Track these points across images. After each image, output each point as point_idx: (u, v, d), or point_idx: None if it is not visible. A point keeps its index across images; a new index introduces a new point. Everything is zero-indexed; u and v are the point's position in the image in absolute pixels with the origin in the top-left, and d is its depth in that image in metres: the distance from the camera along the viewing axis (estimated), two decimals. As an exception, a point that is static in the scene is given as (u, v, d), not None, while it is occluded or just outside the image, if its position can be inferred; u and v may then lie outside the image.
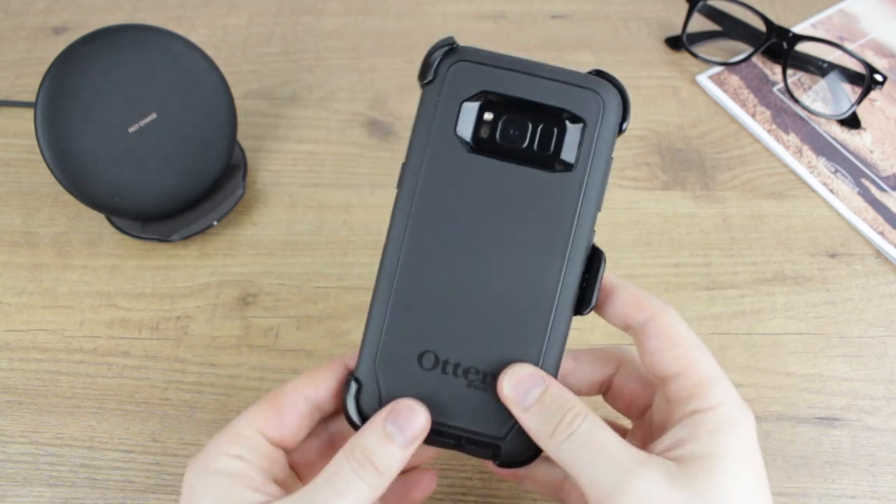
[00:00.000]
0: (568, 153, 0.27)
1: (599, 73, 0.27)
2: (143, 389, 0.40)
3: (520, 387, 0.26)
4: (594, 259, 0.27)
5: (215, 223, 0.45)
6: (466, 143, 0.27)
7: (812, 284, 0.44)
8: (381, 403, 0.27)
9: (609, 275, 0.28)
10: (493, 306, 0.27)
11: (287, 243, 0.46)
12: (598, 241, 0.45)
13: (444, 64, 0.27)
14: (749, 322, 0.42)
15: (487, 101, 0.27)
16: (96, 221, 0.47)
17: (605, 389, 0.31)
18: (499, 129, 0.27)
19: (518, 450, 0.27)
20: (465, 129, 0.27)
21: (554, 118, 0.27)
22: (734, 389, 0.27)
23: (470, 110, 0.27)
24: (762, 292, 0.43)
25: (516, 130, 0.27)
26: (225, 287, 0.44)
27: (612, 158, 0.27)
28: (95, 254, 0.46)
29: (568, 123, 0.27)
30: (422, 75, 0.27)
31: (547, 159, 0.27)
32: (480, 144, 0.27)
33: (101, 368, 0.41)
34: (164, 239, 0.45)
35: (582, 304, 0.27)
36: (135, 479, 0.37)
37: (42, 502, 0.37)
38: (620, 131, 0.27)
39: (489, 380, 0.27)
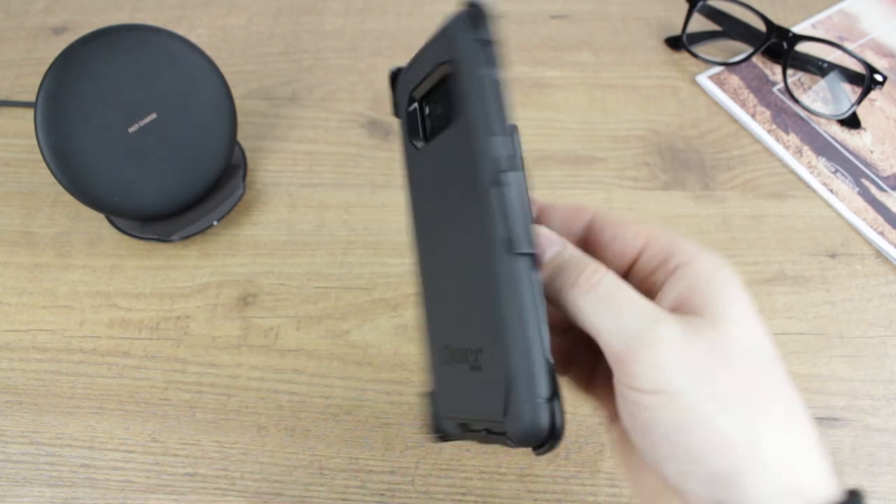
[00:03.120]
0: (455, 98, 0.24)
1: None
2: (143, 389, 0.40)
3: (541, 244, 0.25)
4: (499, 183, 0.24)
5: (215, 223, 0.45)
6: (414, 144, 0.28)
7: (812, 284, 0.44)
8: (438, 409, 0.27)
9: (541, 200, 0.28)
10: (463, 283, 0.26)
11: (287, 243, 0.46)
12: (598, 241, 0.45)
13: (395, 90, 0.28)
14: (749, 322, 0.42)
15: (412, 99, 0.28)
16: (96, 221, 0.47)
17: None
18: (427, 116, 0.27)
19: (525, 427, 0.23)
20: (413, 132, 0.27)
21: (438, 78, 0.26)
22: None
23: (411, 117, 0.27)
24: (762, 292, 0.43)
25: (432, 107, 0.27)
26: (225, 287, 0.44)
27: (493, 74, 0.23)
28: (95, 254, 0.46)
29: (440, 72, 0.25)
30: (393, 111, 0.28)
31: (449, 117, 0.25)
32: (421, 140, 0.28)
33: (101, 368, 0.41)
34: (164, 239, 0.45)
35: (510, 238, 0.23)
36: (135, 479, 0.37)
37: (42, 502, 0.37)
38: (486, 44, 0.23)
39: (479, 358, 0.25)
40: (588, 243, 0.28)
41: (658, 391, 0.22)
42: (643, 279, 0.26)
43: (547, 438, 0.23)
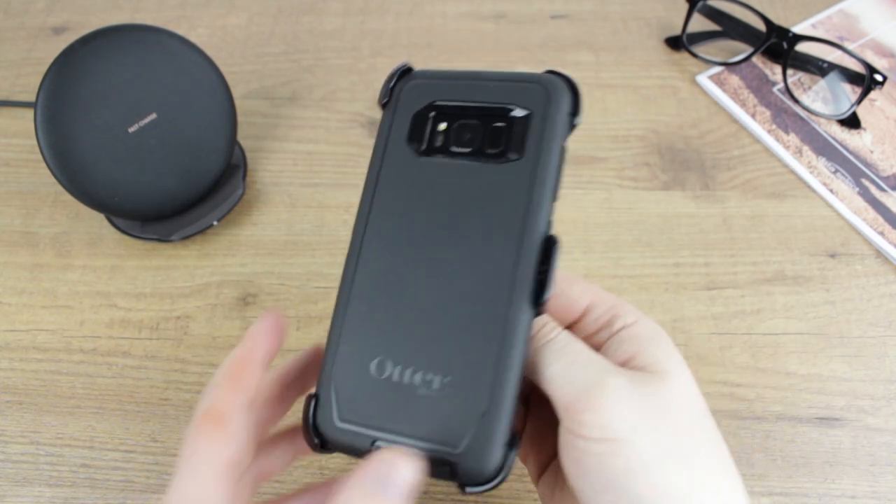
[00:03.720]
0: (516, 143, 0.26)
1: (551, 72, 0.27)
2: (143, 389, 0.40)
3: None
4: (550, 248, 0.25)
5: (215, 223, 0.45)
6: (417, 148, 0.27)
7: (812, 284, 0.44)
8: (337, 418, 0.25)
9: None
10: (448, 306, 0.25)
11: (287, 243, 0.46)
12: (598, 241, 0.45)
13: (398, 86, 0.28)
14: (749, 322, 0.42)
15: (436, 108, 0.27)
16: (96, 221, 0.47)
17: None
18: (448, 132, 0.27)
19: (480, 466, 0.23)
20: (416, 136, 0.27)
21: (500, 113, 0.27)
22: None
23: (420, 119, 0.27)
24: (762, 292, 0.43)
25: (464, 129, 0.27)
26: (225, 287, 0.44)
27: (565, 149, 0.26)
28: (95, 254, 0.46)
29: (515, 114, 0.26)
30: (380, 98, 0.28)
31: (495, 153, 0.26)
32: (431, 148, 0.27)
33: (101, 368, 0.41)
34: (164, 239, 0.45)
35: (539, 294, 0.24)
36: (135, 479, 0.37)
37: (42, 502, 0.37)
38: (573, 125, 0.26)
39: (441, 384, 0.24)
40: None
41: (606, 439, 0.23)
42: (586, 337, 0.28)
43: (489, 481, 0.24)
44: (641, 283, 0.44)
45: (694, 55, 0.55)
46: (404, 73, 0.28)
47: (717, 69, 0.55)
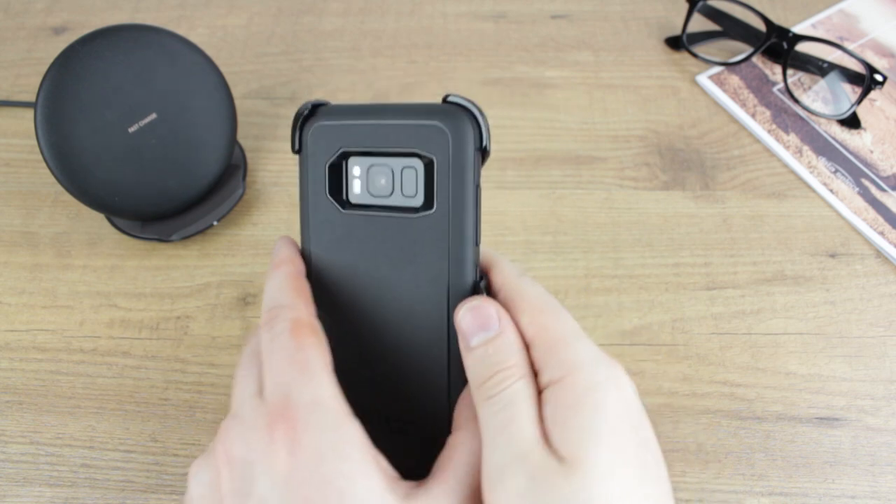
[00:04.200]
0: (427, 194, 0.26)
1: (447, 101, 0.26)
2: (143, 389, 0.40)
3: (475, 322, 0.24)
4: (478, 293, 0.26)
5: (215, 223, 0.45)
6: (339, 201, 0.27)
7: (812, 284, 0.44)
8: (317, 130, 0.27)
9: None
10: (394, 357, 0.26)
11: (287, 243, 0.46)
12: (598, 241, 0.45)
13: (306, 129, 0.27)
14: (749, 322, 0.42)
15: (347, 158, 0.27)
16: (96, 221, 0.47)
17: None
18: (363, 183, 0.27)
19: None
20: (335, 188, 0.27)
21: (408, 161, 0.26)
22: (594, 349, 0.24)
23: (334, 170, 0.27)
24: (762, 292, 0.43)
25: (377, 181, 0.27)
26: (225, 287, 0.44)
27: (478, 187, 0.25)
28: (95, 254, 0.46)
29: (418, 164, 0.26)
30: (292, 146, 0.27)
31: (410, 206, 0.26)
32: (351, 201, 0.27)
33: (101, 368, 0.41)
34: (164, 239, 0.45)
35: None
36: (135, 479, 0.37)
37: (42, 502, 0.37)
38: (484, 155, 0.25)
39: (403, 426, 0.26)
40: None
41: None
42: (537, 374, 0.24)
43: None
44: (641, 283, 0.44)
45: (694, 55, 0.55)
46: (308, 116, 0.27)
47: (717, 69, 0.55)
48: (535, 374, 0.24)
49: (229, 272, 0.45)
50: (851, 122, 0.51)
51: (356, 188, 0.27)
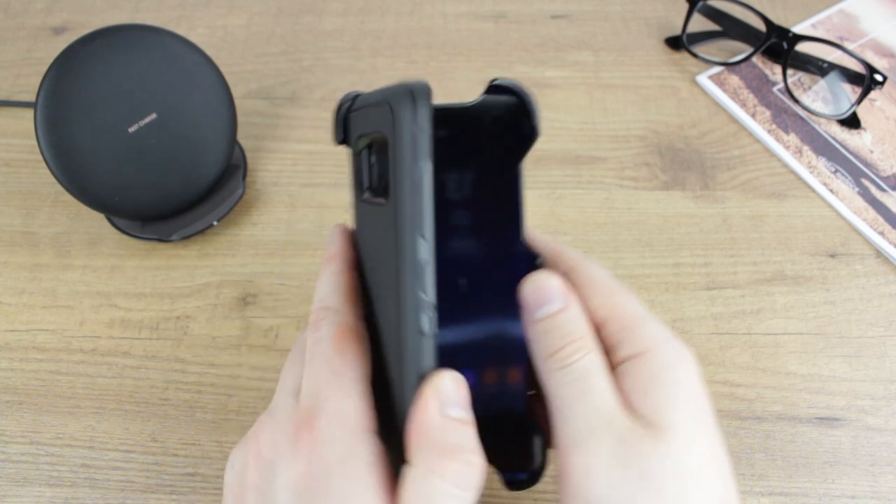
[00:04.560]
0: (382, 181, 0.24)
1: (492, 86, 0.25)
2: (143, 389, 0.40)
3: (540, 295, 0.24)
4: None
5: (215, 223, 0.45)
6: (359, 192, 0.27)
7: (812, 284, 0.44)
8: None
9: (536, 234, 0.28)
10: (388, 350, 0.25)
11: (287, 243, 0.46)
12: (598, 241, 0.45)
13: (347, 117, 0.27)
14: (749, 322, 0.42)
15: (364, 145, 0.26)
16: (96, 221, 0.47)
17: None
18: (365, 171, 0.26)
19: None
20: (356, 178, 0.27)
21: (379, 145, 0.24)
22: (667, 329, 0.25)
23: (353, 160, 0.27)
24: (762, 292, 0.43)
25: (367, 167, 0.26)
26: (225, 287, 0.44)
27: (420, 175, 0.21)
28: (95, 254, 0.46)
29: (375, 149, 0.25)
30: (334, 136, 0.27)
31: (381, 193, 0.24)
32: (361, 189, 0.27)
33: (101, 368, 0.41)
34: (164, 239, 0.45)
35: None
36: (135, 479, 0.37)
37: (42, 502, 0.37)
38: (529, 136, 0.24)
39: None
40: None
41: (582, 498, 0.22)
42: (606, 351, 0.25)
43: None
44: (641, 283, 0.44)
45: (694, 55, 0.55)
46: (350, 103, 0.27)
47: (717, 69, 0.55)
48: (605, 351, 0.25)
49: (229, 272, 0.45)
50: (851, 122, 0.51)
51: (364, 178, 0.26)
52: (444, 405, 0.22)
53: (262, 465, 0.24)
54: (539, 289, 0.24)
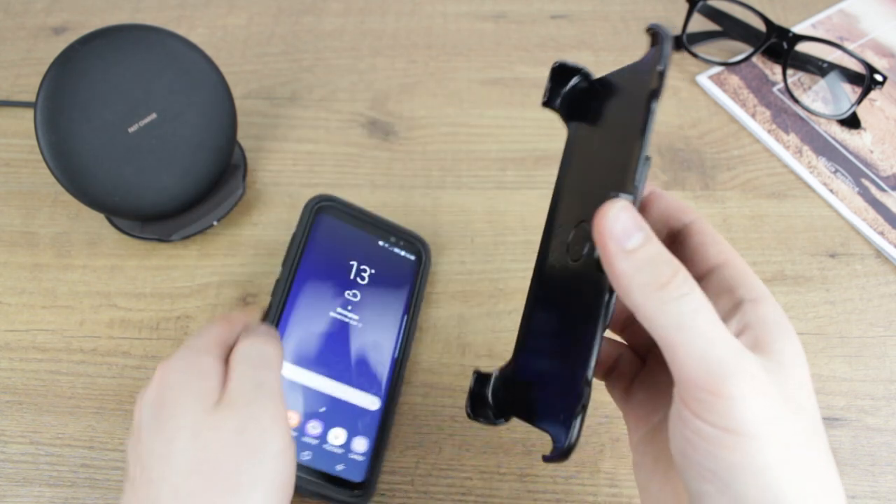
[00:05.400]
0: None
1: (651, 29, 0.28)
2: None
3: (625, 223, 0.22)
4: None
5: (215, 223, 0.45)
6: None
7: (812, 284, 0.44)
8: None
9: (651, 185, 0.28)
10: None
11: (287, 243, 0.46)
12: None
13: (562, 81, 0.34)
14: (749, 322, 0.42)
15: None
16: (96, 221, 0.47)
17: None
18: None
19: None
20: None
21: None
22: None
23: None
24: (762, 292, 0.43)
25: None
26: (225, 287, 0.44)
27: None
28: (95, 254, 0.46)
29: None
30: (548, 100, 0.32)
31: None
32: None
33: (101, 368, 0.41)
34: (164, 239, 0.45)
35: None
36: (135, 479, 0.37)
37: (42, 502, 0.37)
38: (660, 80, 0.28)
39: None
40: (673, 243, 0.27)
41: (730, 430, 0.21)
42: (715, 293, 0.25)
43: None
44: (641, 283, 0.44)
45: (694, 55, 0.55)
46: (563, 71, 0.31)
47: (717, 69, 0.55)
48: (720, 291, 0.25)
49: (229, 272, 0.45)
50: (851, 122, 0.51)
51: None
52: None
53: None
54: (620, 217, 0.23)
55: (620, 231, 0.22)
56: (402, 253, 0.43)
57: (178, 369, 0.28)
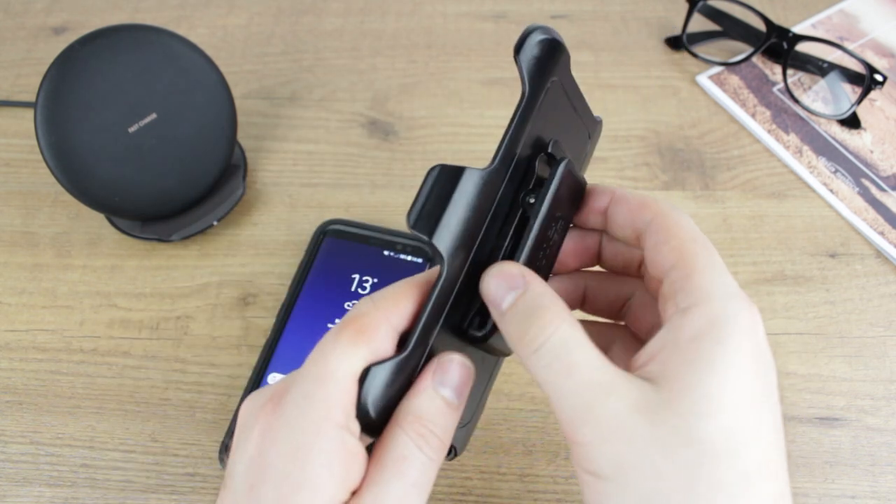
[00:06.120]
0: None
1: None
2: (143, 389, 0.40)
3: (502, 284, 0.23)
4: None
5: (215, 223, 0.45)
6: None
7: (812, 284, 0.44)
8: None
9: (616, 189, 0.27)
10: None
11: (287, 243, 0.46)
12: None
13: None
14: (749, 322, 0.42)
15: None
16: (96, 221, 0.47)
17: (622, 310, 0.29)
18: None
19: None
20: None
21: None
22: (732, 283, 0.23)
23: None
24: (762, 292, 0.43)
25: None
26: (225, 287, 0.44)
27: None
28: (95, 254, 0.46)
29: None
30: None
31: None
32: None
33: (101, 368, 0.41)
34: (164, 239, 0.45)
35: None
36: (135, 479, 0.37)
37: (42, 502, 0.37)
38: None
39: None
40: (643, 242, 0.26)
41: (592, 473, 0.21)
42: (665, 302, 0.24)
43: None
44: (641, 283, 0.44)
45: (694, 55, 0.55)
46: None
47: (717, 69, 0.55)
48: (665, 300, 0.23)
49: (229, 272, 0.45)
50: (851, 122, 0.51)
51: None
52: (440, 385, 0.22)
53: (237, 428, 0.23)
54: (498, 279, 0.23)
55: (493, 295, 0.23)
56: (409, 258, 0.43)
57: None
